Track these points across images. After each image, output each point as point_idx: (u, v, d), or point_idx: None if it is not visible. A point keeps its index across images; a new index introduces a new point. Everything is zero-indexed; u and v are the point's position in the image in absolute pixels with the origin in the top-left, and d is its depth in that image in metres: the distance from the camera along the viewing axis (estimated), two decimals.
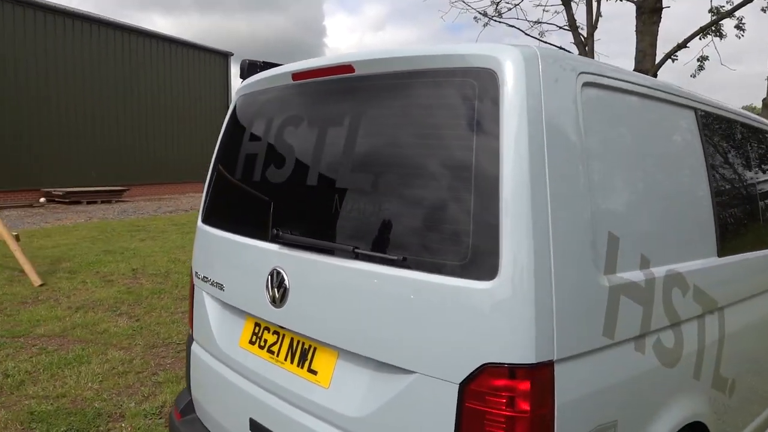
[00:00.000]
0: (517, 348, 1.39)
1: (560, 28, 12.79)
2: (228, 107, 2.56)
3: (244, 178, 2.23)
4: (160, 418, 3.44)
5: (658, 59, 9.88)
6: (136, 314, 5.68)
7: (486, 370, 1.41)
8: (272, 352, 1.99)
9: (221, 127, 2.56)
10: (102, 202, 18.51)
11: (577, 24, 11.74)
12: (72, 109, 19.32)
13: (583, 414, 1.51)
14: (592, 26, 11.60)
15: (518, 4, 12.84)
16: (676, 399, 1.88)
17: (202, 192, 2.61)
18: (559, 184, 1.49)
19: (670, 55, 10.36)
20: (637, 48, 9.86)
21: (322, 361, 1.82)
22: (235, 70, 24.86)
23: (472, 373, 1.42)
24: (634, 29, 9.88)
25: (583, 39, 11.70)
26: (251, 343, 2.09)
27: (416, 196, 1.61)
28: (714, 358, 2.12)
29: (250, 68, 2.54)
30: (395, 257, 1.58)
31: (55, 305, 5.96)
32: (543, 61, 1.54)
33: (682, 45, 10.23)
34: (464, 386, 1.43)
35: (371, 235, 1.68)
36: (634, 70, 10.60)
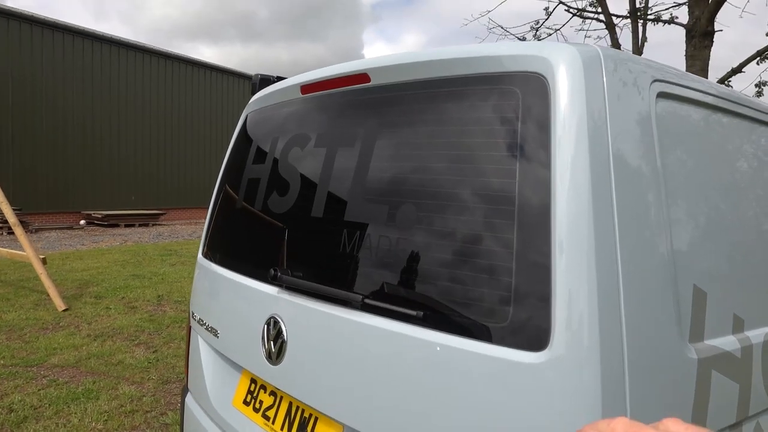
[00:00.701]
0: None
1: None
2: None
3: (246, 206, 1.92)
4: None
5: None
6: (154, 344, 5.43)
7: None
8: (267, 418, 1.64)
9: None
10: (139, 225, 18.70)
11: (622, 49, 11.32)
12: (114, 134, 19.75)
13: None
14: (638, 51, 11.13)
15: (559, 30, 12.50)
16: None
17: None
18: (631, 222, 1.12)
19: (724, 80, 9.81)
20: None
21: None
22: None
23: None
24: (684, 54, 9.40)
25: None
26: (245, 403, 1.75)
27: (443, 235, 1.26)
28: None
29: (262, 84, 2.27)
30: (413, 312, 1.23)
31: (75, 332, 5.78)
32: (607, 63, 1.19)
33: (738, 70, 9.68)
34: None
35: (386, 281, 1.33)
36: None
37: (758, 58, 9.84)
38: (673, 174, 1.28)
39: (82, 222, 18.15)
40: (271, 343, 1.58)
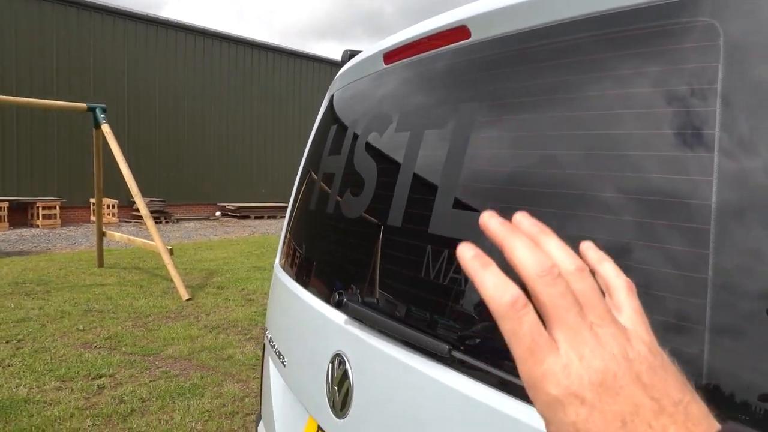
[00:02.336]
0: None
1: None
2: None
3: (318, 207, 1.57)
4: None
5: None
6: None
7: None
8: None
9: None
10: (268, 217, 19.56)
11: None
12: (247, 132, 20.83)
13: None
14: None
15: None
16: None
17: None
18: None
19: None
20: None
21: None
22: None
23: None
24: None
25: None
26: None
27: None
28: None
29: (351, 58, 1.90)
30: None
31: (193, 323, 5.91)
32: None
33: None
34: None
35: (487, 324, 0.90)
36: None
37: None
38: None
39: (218, 213, 19.35)
40: (336, 388, 1.21)
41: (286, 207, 15.80)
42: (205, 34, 19.41)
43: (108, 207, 16.21)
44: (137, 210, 16.82)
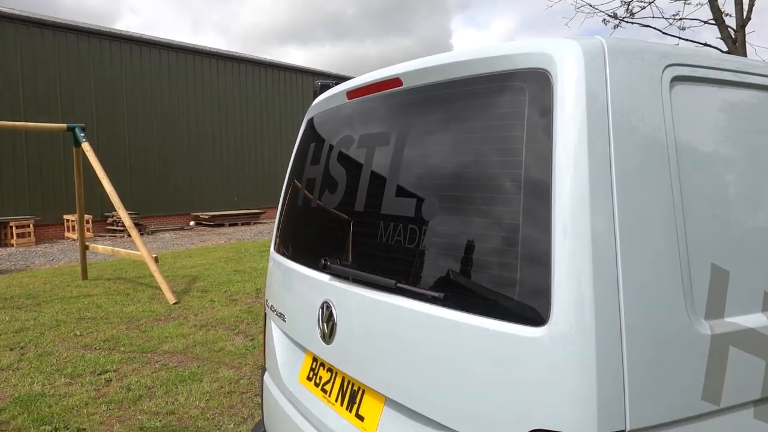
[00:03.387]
0: (573, 414, 1.10)
1: (705, 23, 11.53)
2: None
3: (304, 203, 2.13)
4: None
5: None
6: (251, 333, 5.88)
7: None
8: (325, 392, 1.84)
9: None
10: (242, 224, 19.92)
11: (726, 14, 10.48)
12: (216, 141, 21.14)
13: None
14: (743, 18, 10.28)
15: (652, 2, 11.80)
16: None
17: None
18: (633, 213, 1.18)
19: None
20: None
21: (369, 406, 1.63)
22: None
23: None
24: None
25: (732, 33, 10.42)
26: (308, 379, 1.97)
27: (462, 222, 1.38)
28: None
29: (322, 89, 2.47)
30: (437, 294, 1.36)
31: (183, 323, 6.37)
32: (612, 55, 1.25)
33: None
34: None
35: (414, 267, 1.48)
36: None
37: None
38: (692, 161, 1.32)
39: (192, 223, 19.62)
40: (325, 324, 1.77)
41: (259, 213, 16.22)
42: (170, 48, 19.67)
43: None
44: (111, 224, 17.01)
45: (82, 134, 8.01)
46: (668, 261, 1.21)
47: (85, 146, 7.99)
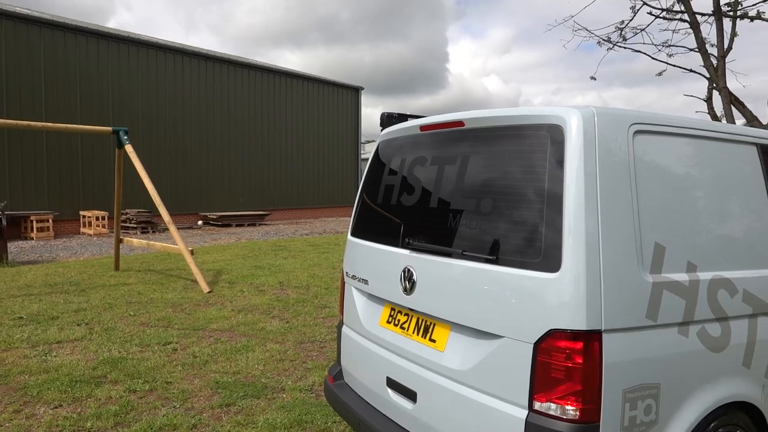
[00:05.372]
0: (574, 319, 2.00)
1: (691, 50, 12.54)
2: (358, 138, 3.33)
3: (384, 202, 3.03)
4: (311, 393, 4.32)
5: None
6: (285, 317, 6.75)
7: (552, 334, 2.04)
8: (404, 328, 2.73)
9: (356, 162, 3.39)
10: (248, 225, 20.75)
11: (710, 43, 11.47)
12: (225, 144, 21.99)
13: (628, 372, 2.06)
14: (723, 48, 11.30)
15: (644, 29, 12.81)
16: (724, 378, 2.34)
17: (351, 214, 3.45)
18: (609, 208, 2.08)
19: None
20: None
21: (439, 332, 2.53)
22: (367, 102, 26.43)
23: (542, 336, 2.06)
24: None
25: (714, 62, 11.43)
26: (388, 322, 2.86)
27: (507, 215, 2.28)
28: None
29: (388, 119, 3.37)
30: (491, 257, 2.26)
31: (222, 308, 7.23)
32: (599, 117, 2.16)
33: None
34: (537, 345, 2.07)
35: (475, 242, 2.37)
36: None
37: None
38: (647, 179, 2.22)
39: (200, 222, 20.42)
40: (407, 282, 2.66)
41: (264, 215, 17.20)
42: (175, 51, 20.52)
43: (97, 219, 17.15)
44: (124, 221, 17.75)
45: (125, 137, 8.85)
46: (629, 241, 2.11)
47: (128, 148, 8.83)
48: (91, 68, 17.80)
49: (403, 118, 3.38)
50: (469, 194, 2.46)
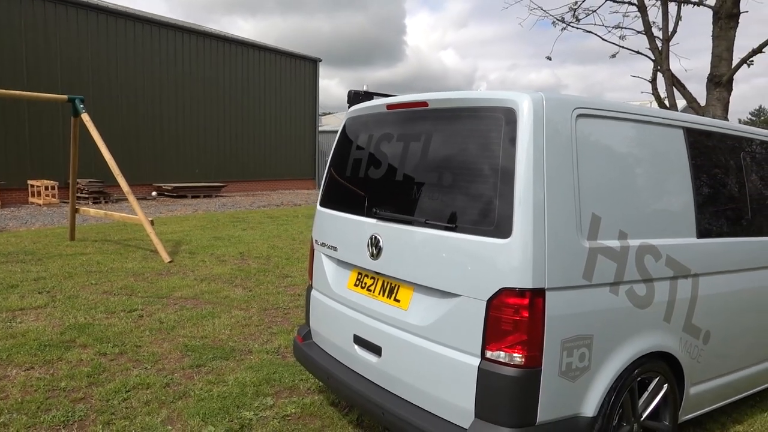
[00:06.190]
0: (521, 278, 2.30)
1: (638, 32, 13.08)
2: (316, 110, 3.49)
3: (352, 175, 3.26)
4: (278, 355, 4.56)
5: (734, 64, 10.11)
6: (248, 286, 6.94)
7: (503, 292, 2.34)
8: (370, 290, 3.00)
9: (314, 135, 3.59)
10: (204, 196, 20.55)
11: (658, 27, 12.00)
12: (180, 113, 21.56)
13: (566, 325, 2.40)
14: (667, 33, 11.85)
15: (595, 11, 13.26)
16: (647, 331, 2.71)
17: (308, 187, 3.66)
18: (554, 183, 2.38)
19: (746, 60, 10.52)
20: (713, 53, 10.15)
21: (403, 293, 2.80)
22: (325, 73, 26.18)
23: (494, 293, 2.36)
24: (711, 35, 10.17)
25: (659, 44, 11.99)
26: (355, 285, 3.11)
27: (464, 187, 2.55)
28: (686, 310, 2.91)
29: (355, 96, 3.58)
30: (451, 225, 2.54)
31: (185, 277, 7.34)
32: (546, 100, 2.44)
33: (758, 50, 10.37)
34: (489, 302, 2.37)
35: (436, 212, 2.64)
36: (709, 74, 10.74)
37: None
38: (585, 156, 2.52)
39: (154, 193, 20.09)
40: (373, 248, 2.92)
41: (220, 186, 17.22)
42: (127, 17, 19.87)
43: (47, 188, 16.67)
44: (77, 191, 17.30)
45: (81, 105, 8.70)
46: (570, 212, 2.42)
47: (85, 117, 8.69)
48: (38, 34, 17.07)
49: (369, 96, 3.59)
50: (431, 169, 2.72)
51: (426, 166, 2.75)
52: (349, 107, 3.60)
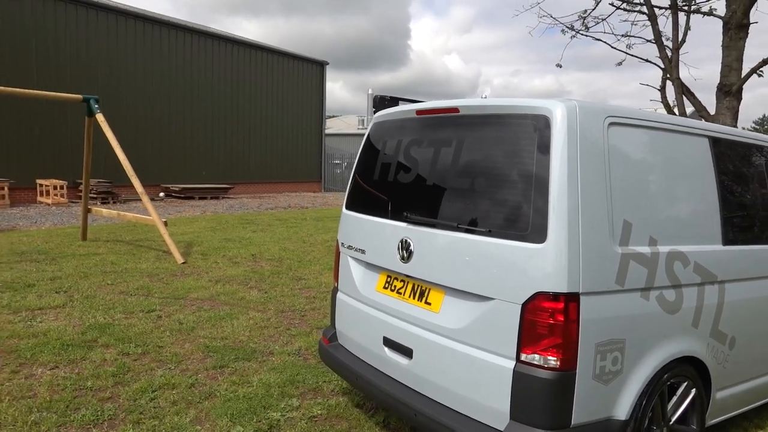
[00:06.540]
0: (557, 283, 2.34)
1: (648, 41, 13.12)
2: (323, 113, 3.51)
3: (380, 179, 3.30)
4: (299, 357, 4.61)
5: (744, 73, 10.15)
6: (263, 288, 6.98)
7: (538, 296, 2.38)
8: (400, 293, 3.04)
9: (320, 138, 3.64)
10: (211, 198, 20.61)
11: (666, 37, 12.05)
12: (188, 114, 21.65)
13: (600, 329, 2.44)
14: (677, 41, 11.90)
15: (605, 19, 13.32)
16: (676, 336, 2.75)
17: (314, 190, 3.71)
18: (587, 190, 2.42)
19: (756, 69, 10.56)
20: (723, 62, 10.19)
21: (434, 296, 2.85)
22: (329, 76, 26.26)
23: (529, 297, 2.40)
24: (721, 45, 10.21)
25: (669, 53, 12.02)
26: (384, 288, 3.16)
27: (497, 193, 2.60)
28: (712, 316, 2.95)
29: (380, 101, 3.63)
30: (484, 229, 2.58)
31: (199, 278, 7.39)
32: (580, 109, 2.48)
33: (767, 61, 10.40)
34: (524, 306, 2.41)
35: (469, 217, 2.69)
36: (719, 83, 10.76)
37: None
38: (617, 164, 2.57)
39: (161, 194, 20.16)
40: (404, 251, 2.96)
41: (227, 188, 17.28)
42: (136, 17, 19.98)
43: (56, 188, 16.75)
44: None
45: (96, 106, 8.77)
46: (603, 218, 2.46)
47: (99, 117, 8.76)
48: (47, 33, 17.18)
49: (394, 101, 3.64)
50: (462, 174, 2.77)
51: (457, 172, 2.79)
52: (374, 112, 3.65)
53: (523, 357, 2.42)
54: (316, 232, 12.33)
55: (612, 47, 12.92)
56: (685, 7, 11.81)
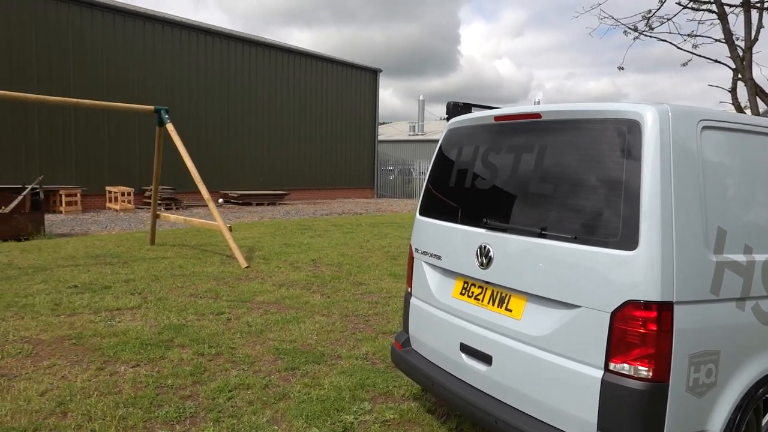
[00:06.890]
0: (649, 291, 2.28)
1: (716, 41, 12.61)
2: (376, 120, 3.54)
3: (456, 184, 3.31)
4: (367, 361, 4.65)
5: None
6: (325, 293, 7.08)
7: (628, 304, 2.33)
8: (478, 299, 3.03)
9: (373, 144, 3.65)
10: (268, 204, 21.10)
11: (736, 36, 11.56)
12: (247, 123, 22.26)
13: (694, 339, 2.35)
14: (750, 40, 11.39)
15: (671, 19, 12.88)
16: None
17: (367, 196, 3.72)
18: (681, 196, 2.35)
19: None
20: None
21: (515, 303, 2.82)
22: (382, 83, 26.48)
23: (619, 306, 2.35)
24: None
25: (741, 53, 11.52)
26: (461, 294, 3.15)
27: (583, 199, 2.55)
28: None
29: (454, 108, 3.64)
30: (570, 236, 2.55)
31: (263, 282, 7.56)
32: (672, 113, 2.42)
33: None
34: (614, 314, 2.36)
35: (552, 223, 2.65)
36: None
37: None
38: (711, 169, 2.48)
39: (220, 200, 20.78)
40: (483, 257, 2.95)
41: (283, 194, 17.60)
42: (198, 30, 20.72)
43: (123, 194, 17.53)
44: (148, 197, 18.12)
45: (166, 116, 9.14)
46: (696, 225, 2.38)
47: (169, 127, 9.12)
48: (118, 48, 18.05)
49: (467, 107, 3.64)
50: (545, 180, 2.74)
51: (540, 177, 2.77)
52: (447, 119, 3.66)
53: (611, 366, 2.37)
54: (373, 237, 12.42)
55: (678, 48, 12.49)
56: (758, 5, 11.29)
